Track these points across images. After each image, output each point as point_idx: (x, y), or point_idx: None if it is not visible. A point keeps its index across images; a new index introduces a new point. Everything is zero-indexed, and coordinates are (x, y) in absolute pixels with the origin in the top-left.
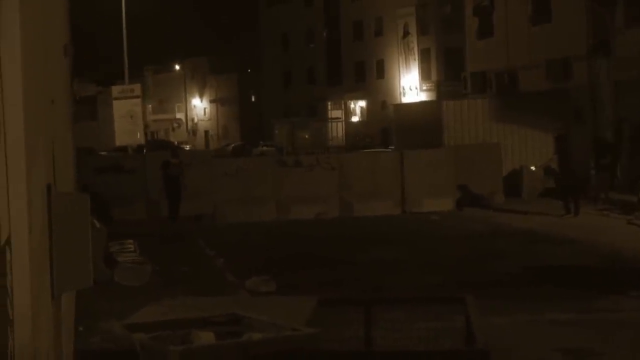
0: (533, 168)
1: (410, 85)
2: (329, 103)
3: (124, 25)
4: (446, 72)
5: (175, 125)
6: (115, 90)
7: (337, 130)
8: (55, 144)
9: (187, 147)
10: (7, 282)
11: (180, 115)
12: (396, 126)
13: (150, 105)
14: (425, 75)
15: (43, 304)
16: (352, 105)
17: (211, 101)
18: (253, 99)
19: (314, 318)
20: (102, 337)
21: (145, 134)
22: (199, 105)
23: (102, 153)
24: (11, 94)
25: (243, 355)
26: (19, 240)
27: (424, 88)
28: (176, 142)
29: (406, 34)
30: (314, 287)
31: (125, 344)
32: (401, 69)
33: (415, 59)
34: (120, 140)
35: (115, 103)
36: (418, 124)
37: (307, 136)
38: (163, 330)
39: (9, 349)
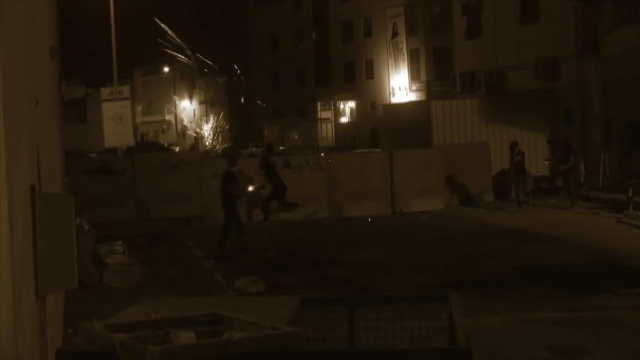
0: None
1: (400, 86)
2: (319, 104)
3: (112, 28)
4: (435, 73)
5: (165, 127)
6: (105, 92)
7: (327, 131)
8: (41, 146)
9: (177, 149)
10: None
11: (169, 117)
12: (386, 127)
13: (139, 107)
14: (414, 76)
15: (27, 305)
16: (341, 106)
17: (201, 103)
18: (242, 101)
19: (296, 318)
20: (82, 337)
21: (135, 136)
22: (189, 107)
23: (92, 155)
24: None
25: (223, 355)
26: (0, 241)
27: (414, 88)
28: (166, 144)
29: (395, 34)
30: (304, 287)
31: (106, 344)
32: (391, 69)
33: (404, 60)
34: (110, 142)
35: (105, 105)
36: (408, 125)
37: (296, 137)
38: (143, 330)
39: None
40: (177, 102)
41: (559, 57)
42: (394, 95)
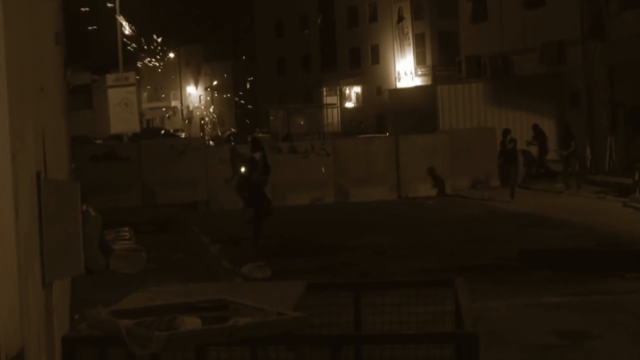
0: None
1: (405, 70)
2: (324, 89)
3: (117, 13)
4: (441, 57)
5: (171, 113)
6: (110, 78)
7: (333, 116)
8: (46, 132)
9: (183, 135)
10: None
11: (175, 103)
12: (391, 111)
13: (145, 93)
14: (420, 60)
15: (32, 291)
16: (347, 91)
17: (206, 89)
18: (248, 86)
19: (302, 303)
20: (88, 323)
21: (141, 122)
22: (194, 93)
23: (98, 141)
24: None
25: (228, 340)
26: (4, 226)
27: (419, 73)
28: (172, 130)
29: (401, 19)
30: (310, 272)
31: (111, 330)
32: (396, 54)
33: (410, 44)
34: (116, 128)
35: (110, 91)
36: (413, 109)
37: (302, 122)
38: (149, 316)
39: None
40: (184, 88)
41: (565, 41)
42: (399, 79)
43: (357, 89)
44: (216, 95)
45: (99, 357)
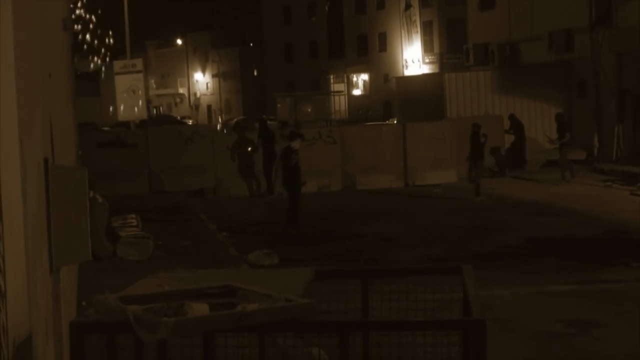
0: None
1: (413, 58)
2: (332, 76)
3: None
4: (448, 45)
5: (178, 100)
6: (117, 65)
7: (340, 104)
8: (54, 118)
9: (190, 122)
10: None
11: (182, 90)
12: (399, 99)
13: (152, 80)
14: (427, 48)
15: (40, 277)
16: (354, 79)
17: (213, 76)
18: (255, 73)
19: (310, 290)
20: (95, 309)
21: (148, 109)
22: (202, 80)
23: (105, 128)
24: (3, 66)
25: (236, 326)
26: (12, 212)
27: (427, 61)
28: (179, 117)
29: (408, 6)
30: (317, 260)
31: (119, 316)
32: (403, 41)
33: (417, 32)
34: (123, 115)
35: (118, 78)
36: (421, 97)
37: (309, 110)
38: (157, 302)
39: (2, 321)
40: (192, 75)
41: (573, 28)
42: (406, 67)
43: (364, 77)
44: (223, 82)
45: (106, 343)
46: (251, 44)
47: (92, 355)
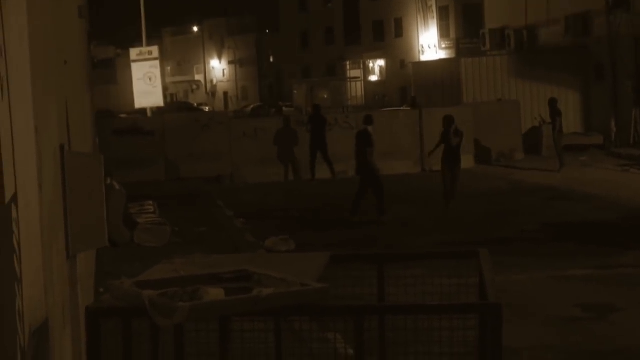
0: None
1: (429, 44)
2: (348, 62)
3: None
4: (465, 30)
5: (195, 87)
6: (134, 52)
7: (356, 90)
8: (70, 105)
9: (207, 109)
10: (14, 239)
11: (199, 77)
12: (415, 85)
13: (168, 68)
14: (443, 33)
15: (56, 263)
16: (370, 65)
17: (230, 62)
18: (271, 60)
19: (325, 274)
20: (111, 294)
21: (164, 96)
22: (218, 67)
23: (122, 115)
24: (18, 52)
25: (252, 311)
26: (27, 198)
27: (443, 46)
28: (195, 104)
29: None
30: (333, 246)
31: (135, 301)
32: (420, 27)
33: (433, 17)
34: (140, 102)
35: (134, 65)
36: (437, 82)
37: (326, 96)
38: (173, 287)
39: (18, 305)
40: (208, 62)
41: (590, 12)
42: (423, 53)
43: (380, 62)
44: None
45: (122, 328)
46: (267, 31)
47: (109, 341)
